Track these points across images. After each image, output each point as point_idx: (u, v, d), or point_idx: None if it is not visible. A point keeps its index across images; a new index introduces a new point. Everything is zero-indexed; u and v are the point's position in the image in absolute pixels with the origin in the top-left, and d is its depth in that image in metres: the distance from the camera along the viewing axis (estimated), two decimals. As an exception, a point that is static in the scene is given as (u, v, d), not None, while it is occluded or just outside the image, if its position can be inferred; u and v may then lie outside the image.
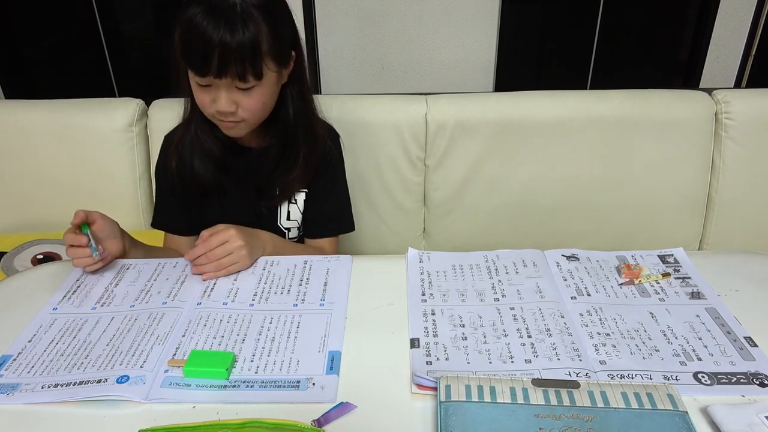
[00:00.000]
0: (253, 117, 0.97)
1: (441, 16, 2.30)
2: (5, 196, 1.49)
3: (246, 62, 0.88)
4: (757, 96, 1.40)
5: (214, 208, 1.06)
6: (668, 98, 1.41)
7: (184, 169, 1.05)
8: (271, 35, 0.90)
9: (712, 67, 2.41)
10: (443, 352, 0.74)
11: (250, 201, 1.08)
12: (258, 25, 0.88)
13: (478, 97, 1.43)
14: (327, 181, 1.12)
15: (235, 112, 0.94)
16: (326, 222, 1.13)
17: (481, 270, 0.91)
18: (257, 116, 0.98)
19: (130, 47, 2.68)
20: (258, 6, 0.89)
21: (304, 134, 1.05)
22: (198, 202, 1.10)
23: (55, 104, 1.45)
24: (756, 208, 1.44)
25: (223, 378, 0.71)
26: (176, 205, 1.11)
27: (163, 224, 1.14)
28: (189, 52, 0.89)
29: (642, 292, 0.86)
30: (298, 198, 1.11)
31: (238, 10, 0.87)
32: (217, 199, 1.08)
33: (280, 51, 0.94)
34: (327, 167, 1.11)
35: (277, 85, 0.99)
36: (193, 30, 0.87)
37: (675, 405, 0.64)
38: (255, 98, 0.94)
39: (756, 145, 1.39)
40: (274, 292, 0.87)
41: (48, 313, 0.84)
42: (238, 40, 0.86)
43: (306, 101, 1.05)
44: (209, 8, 0.86)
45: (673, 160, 1.40)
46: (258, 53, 0.89)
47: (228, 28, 0.86)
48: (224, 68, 0.88)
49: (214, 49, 0.86)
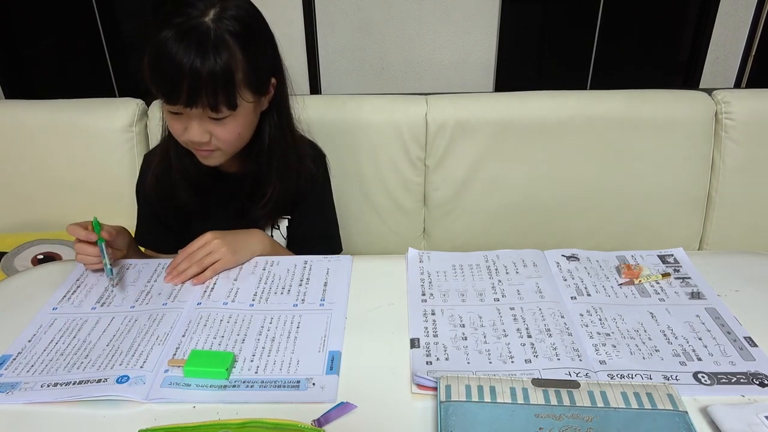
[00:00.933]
0: (228, 147, 0.93)
1: (441, 16, 2.30)
2: (5, 196, 1.49)
3: (218, 91, 0.84)
4: (757, 96, 1.40)
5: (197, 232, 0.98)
6: (668, 98, 1.41)
7: (163, 194, 1.02)
8: (246, 63, 0.86)
9: (712, 67, 2.41)
10: (443, 352, 0.74)
11: (232, 225, 1.02)
12: (232, 52, 0.84)
13: (478, 97, 1.43)
14: (311, 206, 1.09)
15: (208, 142, 0.90)
16: (313, 244, 1.09)
17: (481, 270, 0.91)
18: (233, 146, 0.94)
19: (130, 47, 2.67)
20: (233, 33, 0.84)
21: (277, 165, 1.00)
22: (181, 224, 1.07)
23: (56, 104, 1.45)
24: (756, 208, 1.44)
25: (223, 378, 0.71)
26: (156, 224, 1.09)
27: (146, 243, 1.11)
28: (158, 78, 0.84)
29: (642, 292, 0.86)
30: (281, 224, 1.09)
31: (211, 36, 0.82)
32: (200, 223, 1.03)
33: (257, 79, 0.89)
34: (311, 191, 1.08)
35: (255, 113, 0.94)
36: (162, 55, 0.82)
37: (675, 405, 0.64)
38: (229, 129, 0.90)
39: (756, 145, 1.39)
40: (274, 292, 0.87)
41: (48, 312, 0.84)
42: (210, 67, 0.82)
43: (284, 130, 1.00)
44: (180, 32, 0.82)
45: (673, 160, 1.40)
46: (231, 82, 0.84)
47: (199, 54, 0.81)
48: (194, 97, 0.83)
49: (184, 76, 0.81)
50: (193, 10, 0.84)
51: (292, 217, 1.09)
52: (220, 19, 0.84)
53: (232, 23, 0.85)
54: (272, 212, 1.04)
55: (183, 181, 1.00)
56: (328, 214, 1.15)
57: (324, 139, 1.14)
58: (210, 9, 0.84)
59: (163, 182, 1.01)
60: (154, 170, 1.02)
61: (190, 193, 1.02)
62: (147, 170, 1.06)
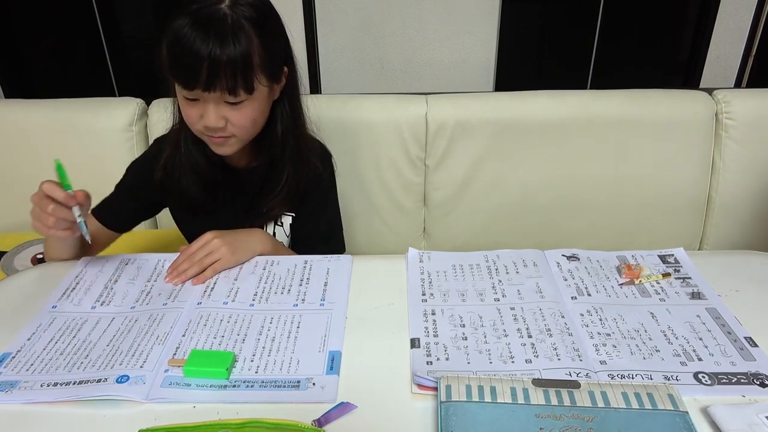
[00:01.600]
0: (243, 133, 0.94)
1: (441, 16, 2.30)
2: (5, 196, 1.49)
3: (237, 75, 0.85)
4: (757, 96, 1.40)
5: (203, 226, 0.98)
6: (668, 98, 1.41)
7: (172, 186, 1.02)
8: (262, 48, 0.88)
9: (712, 67, 2.41)
10: (443, 352, 0.74)
11: (238, 220, 1.04)
12: (249, 37, 0.86)
13: (478, 97, 1.43)
14: (317, 204, 1.10)
15: (224, 128, 0.91)
16: (316, 244, 1.09)
17: (482, 270, 0.91)
18: (248, 132, 0.95)
19: (130, 47, 2.67)
20: (249, 18, 0.86)
21: (291, 154, 1.01)
22: (188, 218, 1.07)
23: (55, 104, 1.45)
24: (756, 208, 1.44)
25: (223, 378, 0.71)
26: (128, 204, 1.08)
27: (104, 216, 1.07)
28: (176, 65, 0.86)
29: (642, 292, 0.86)
30: (284, 221, 1.09)
31: (228, 21, 0.84)
32: (206, 216, 1.05)
33: (271, 65, 0.91)
34: (317, 189, 1.08)
35: (268, 101, 0.95)
36: (180, 42, 0.83)
37: (675, 405, 0.64)
38: (245, 113, 0.91)
39: (756, 145, 1.39)
40: (274, 292, 0.87)
41: (47, 311, 0.84)
42: (229, 53, 0.83)
43: (296, 120, 1.02)
44: (197, 20, 0.83)
45: (673, 160, 1.40)
46: (249, 66, 0.86)
47: (218, 40, 0.83)
48: (213, 81, 0.85)
49: (203, 61, 0.83)
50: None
51: (296, 215, 1.09)
52: (236, 5, 0.86)
53: (248, 9, 0.87)
54: (284, 201, 1.04)
55: (193, 174, 1.01)
56: (333, 214, 1.15)
57: (324, 138, 1.14)
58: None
59: (172, 174, 1.02)
60: (164, 161, 1.02)
61: (200, 186, 1.02)
62: (154, 156, 1.05)
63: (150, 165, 1.05)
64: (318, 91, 2.41)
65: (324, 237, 1.12)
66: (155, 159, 1.04)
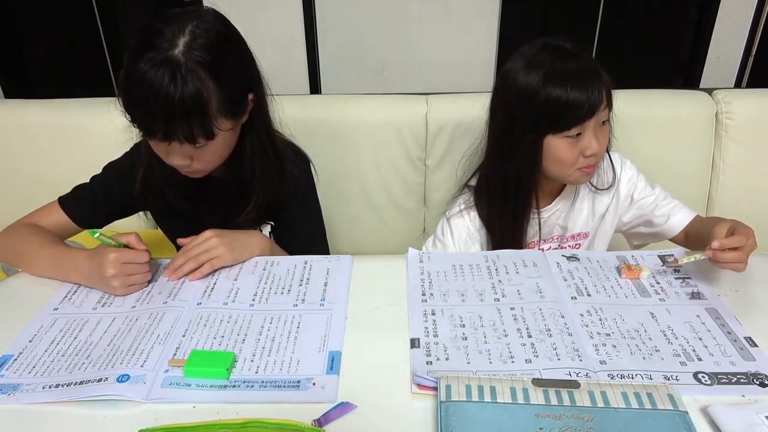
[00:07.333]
0: (209, 166, 0.94)
1: (441, 16, 2.29)
2: (5, 196, 1.49)
3: (193, 125, 0.83)
4: (757, 96, 1.40)
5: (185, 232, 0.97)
6: (668, 98, 1.41)
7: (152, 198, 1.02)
8: (220, 91, 0.84)
9: (712, 67, 2.41)
10: (443, 352, 0.74)
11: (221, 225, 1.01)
12: (205, 84, 0.82)
13: (478, 97, 1.43)
14: (299, 208, 1.09)
15: (189, 165, 0.91)
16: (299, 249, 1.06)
17: (482, 270, 0.91)
18: (214, 165, 0.94)
19: (130, 47, 2.67)
20: (204, 63, 0.82)
21: (260, 174, 1.00)
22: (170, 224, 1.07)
23: (55, 104, 1.45)
24: (756, 208, 1.44)
25: (223, 378, 0.71)
26: (102, 207, 1.07)
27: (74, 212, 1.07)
28: (133, 115, 0.84)
29: (642, 292, 0.86)
30: (264, 229, 1.08)
31: (182, 71, 0.81)
32: (187, 224, 1.03)
33: (232, 105, 0.88)
34: (296, 195, 1.08)
35: (235, 132, 0.94)
36: (134, 95, 0.82)
37: (675, 405, 0.64)
38: (210, 152, 0.90)
39: (756, 145, 1.39)
40: (274, 292, 0.87)
41: (49, 313, 0.84)
42: (183, 106, 0.81)
43: (264, 143, 0.99)
44: (152, 68, 0.80)
45: (674, 160, 1.40)
46: (206, 114, 0.84)
47: (172, 90, 0.80)
48: (171, 133, 0.83)
49: (159, 115, 0.81)
50: (163, 41, 0.81)
51: (276, 223, 1.09)
52: (190, 50, 0.82)
53: (202, 53, 0.83)
54: (256, 219, 1.04)
55: (171, 189, 1.01)
56: (313, 218, 1.14)
57: (324, 139, 1.14)
58: (179, 37, 0.82)
59: (150, 187, 1.01)
60: (140, 177, 1.01)
61: (179, 197, 1.02)
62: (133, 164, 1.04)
63: (129, 172, 1.04)
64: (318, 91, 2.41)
65: (306, 242, 1.11)
66: (133, 167, 1.03)
